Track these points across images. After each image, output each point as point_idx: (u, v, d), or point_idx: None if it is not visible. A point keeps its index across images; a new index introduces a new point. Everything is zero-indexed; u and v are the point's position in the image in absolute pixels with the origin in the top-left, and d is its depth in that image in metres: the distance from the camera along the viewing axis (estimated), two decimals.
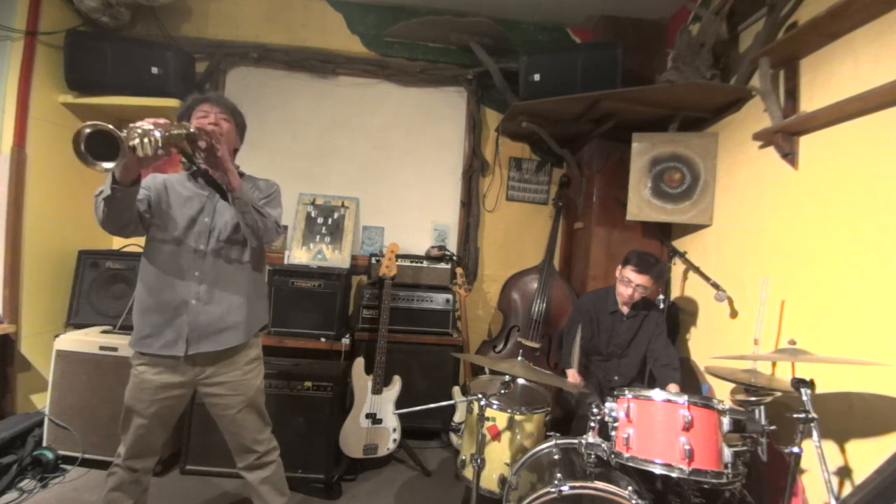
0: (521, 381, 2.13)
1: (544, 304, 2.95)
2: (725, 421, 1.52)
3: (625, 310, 2.32)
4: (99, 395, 2.32)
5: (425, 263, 3.06)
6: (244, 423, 1.69)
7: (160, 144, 1.25)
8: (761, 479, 1.87)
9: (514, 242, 3.42)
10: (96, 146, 1.14)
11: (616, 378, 2.34)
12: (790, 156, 2.01)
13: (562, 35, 3.37)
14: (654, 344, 2.31)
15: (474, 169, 3.34)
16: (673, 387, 2.08)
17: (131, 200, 1.44)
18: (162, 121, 1.30)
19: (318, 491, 2.32)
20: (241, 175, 1.73)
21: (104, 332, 2.51)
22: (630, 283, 2.20)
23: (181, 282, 1.56)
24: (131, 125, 1.21)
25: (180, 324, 1.55)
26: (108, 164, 1.16)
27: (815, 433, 1.40)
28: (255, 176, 1.80)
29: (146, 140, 1.20)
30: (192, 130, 1.39)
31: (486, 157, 3.38)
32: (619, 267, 2.28)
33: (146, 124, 1.24)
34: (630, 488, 1.47)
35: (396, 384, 2.61)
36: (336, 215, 3.13)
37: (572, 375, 2.22)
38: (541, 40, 3.34)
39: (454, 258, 3.15)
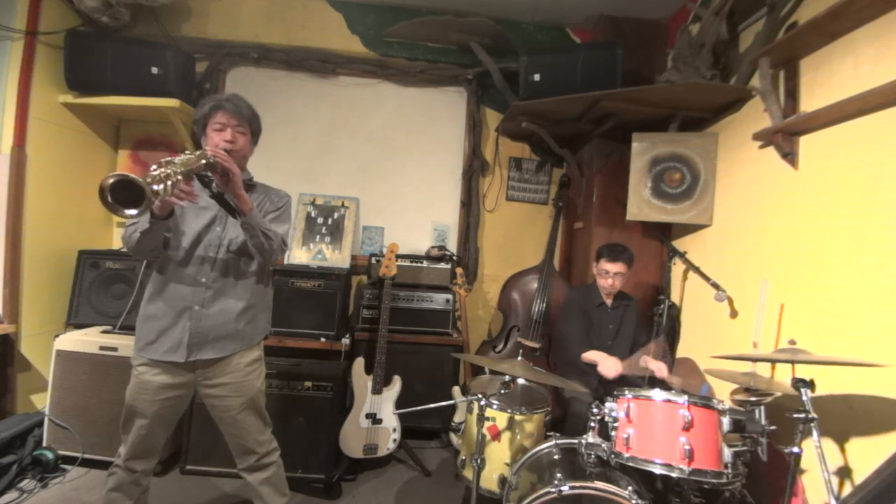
0: (521, 381, 2.13)
1: (544, 304, 2.95)
2: (725, 421, 1.52)
3: (609, 301, 2.43)
4: (99, 395, 2.32)
5: (425, 263, 3.05)
6: (245, 425, 1.69)
7: (181, 182, 1.28)
8: (761, 479, 1.87)
9: (514, 242, 3.42)
10: (121, 192, 1.16)
11: None
12: (790, 156, 2.01)
13: (562, 35, 3.37)
14: (636, 335, 2.46)
15: (474, 169, 3.34)
16: (649, 359, 2.23)
17: (165, 229, 1.49)
18: (184, 157, 1.32)
19: (318, 491, 2.32)
20: (253, 185, 1.74)
21: (104, 332, 2.51)
22: (608, 274, 2.33)
23: (188, 288, 1.58)
24: (156, 171, 1.21)
25: (182, 329, 1.56)
26: (134, 212, 1.17)
27: (815, 433, 1.40)
28: (268, 185, 1.81)
29: (169, 183, 1.22)
30: (210, 160, 1.41)
31: (486, 157, 3.38)
32: (594, 263, 2.41)
33: (170, 166, 1.25)
34: (630, 488, 1.47)
35: (396, 384, 2.61)
36: (336, 215, 3.13)
37: (604, 356, 2.19)
38: (541, 40, 3.34)
39: (454, 258, 3.15)
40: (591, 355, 2.23)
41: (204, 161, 1.39)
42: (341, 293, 2.75)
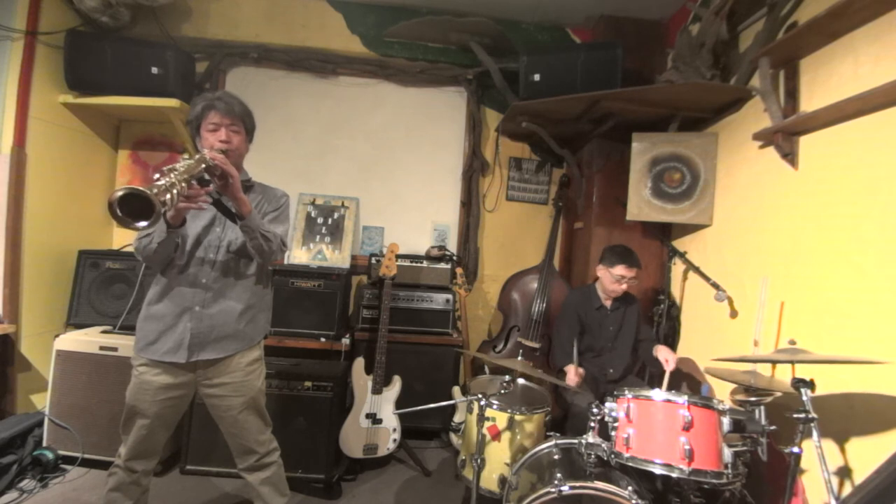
0: (521, 381, 2.13)
1: (544, 304, 2.95)
2: (725, 421, 1.52)
3: (608, 304, 2.42)
4: (99, 395, 2.32)
5: (425, 263, 3.05)
6: (245, 424, 1.69)
7: (185, 190, 1.31)
8: (761, 479, 1.87)
9: (514, 242, 3.42)
10: (129, 205, 1.17)
11: (611, 371, 2.38)
12: (790, 156, 2.01)
13: (562, 35, 3.37)
14: (640, 335, 2.46)
15: (474, 169, 3.34)
16: (660, 348, 2.26)
17: (177, 235, 1.51)
18: (185, 164, 1.33)
19: (318, 491, 2.32)
20: (251, 186, 1.74)
21: (104, 332, 2.51)
22: (623, 279, 2.30)
23: (189, 289, 1.58)
24: (160, 181, 1.23)
25: (183, 330, 1.56)
26: (144, 223, 1.19)
27: (815, 433, 1.40)
28: (266, 184, 1.81)
29: (175, 191, 1.24)
30: (210, 164, 1.42)
31: (486, 157, 3.37)
32: (604, 267, 2.36)
33: (172, 174, 1.26)
34: (630, 488, 1.47)
35: (396, 384, 2.61)
36: (336, 215, 3.13)
37: (572, 371, 2.22)
38: (541, 40, 3.34)
39: (454, 258, 3.15)
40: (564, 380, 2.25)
41: (204, 165, 1.40)
42: (341, 293, 2.75)
